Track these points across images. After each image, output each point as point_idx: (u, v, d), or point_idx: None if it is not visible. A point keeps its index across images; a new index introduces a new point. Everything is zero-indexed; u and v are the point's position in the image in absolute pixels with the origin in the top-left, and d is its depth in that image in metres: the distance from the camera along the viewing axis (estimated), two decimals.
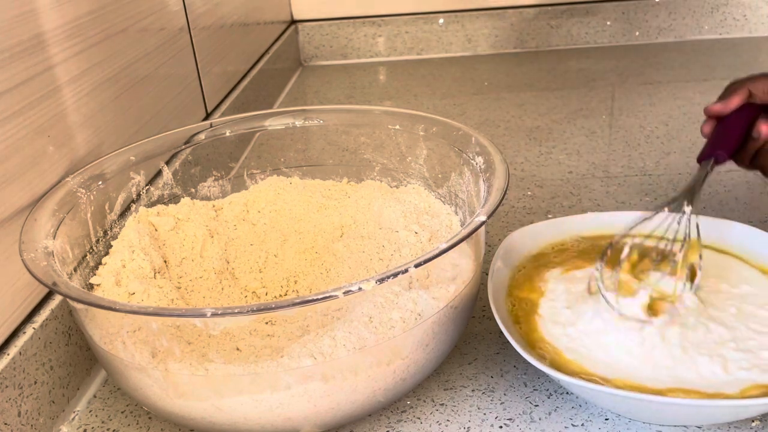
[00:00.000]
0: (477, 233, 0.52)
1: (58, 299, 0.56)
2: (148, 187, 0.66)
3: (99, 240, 0.60)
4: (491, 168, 0.57)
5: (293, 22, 1.49)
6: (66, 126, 0.60)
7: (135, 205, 0.65)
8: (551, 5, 1.46)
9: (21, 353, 0.51)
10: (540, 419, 0.53)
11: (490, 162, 0.58)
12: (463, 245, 0.52)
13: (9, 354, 0.50)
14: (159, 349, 0.47)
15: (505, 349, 0.60)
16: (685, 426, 0.52)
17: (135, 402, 0.57)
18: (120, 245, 0.59)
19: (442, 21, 1.47)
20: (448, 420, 0.53)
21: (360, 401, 0.48)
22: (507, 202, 0.85)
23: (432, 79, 1.36)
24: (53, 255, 0.50)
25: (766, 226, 0.75)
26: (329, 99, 1.30)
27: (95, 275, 0.57)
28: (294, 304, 0.43)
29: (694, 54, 1.39)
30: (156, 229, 0.63)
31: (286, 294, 0.62)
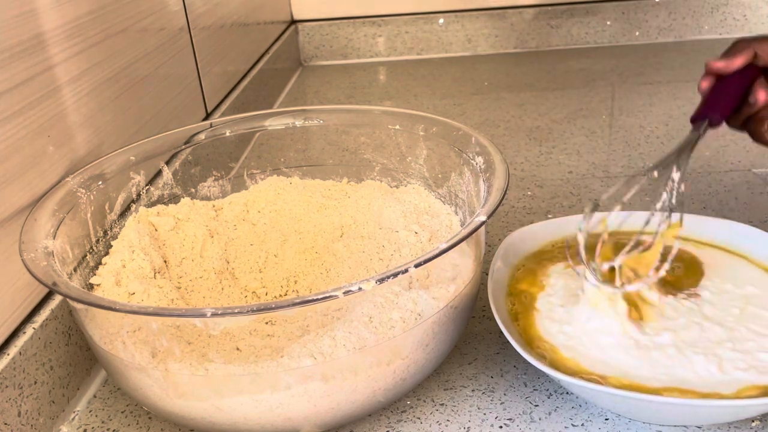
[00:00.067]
0: (477, 233, 0.52)
1: (58, 299, 0.56)
2: (148, 187, 0.66)
3: (99, 240, 0.60)
4: (491, 168, 0.57)
5: (293, 22, 1.49)
6: (66, 126, 0.60)
7: (135, 205, 0.65)
8: (551, 5, 1.46)
9: (21, 353, 0.51)
10: (540, 419, 0.53)
11: (490, 162, 0.58)
12: (463, 245, 0.52)
13: (9, 354, 0.50)
14: (159, 349, 0.47)
15: (505, 349, 0.60)
16: (685, 426, 0.52)
17: (135, 402, 0.57)
18: (120, 245, 0.59)
19: (442, 21, 1.47)
20: (448, 420, 0.53)
21: (360, 401, 0.48)
22: (507, 202, 0.85)
23: (432, 79, 1.36)
24: (53, 255, 0.50)
25: (766, 226, 0.75)
26: (329, 99, 1.30)
27: (95, 275, 0.57)
28: (294, 304, 0.43)
29: (694, 54, 1.39)
30: (156, 229, 0.63)
31: (286, 294, 0.62)
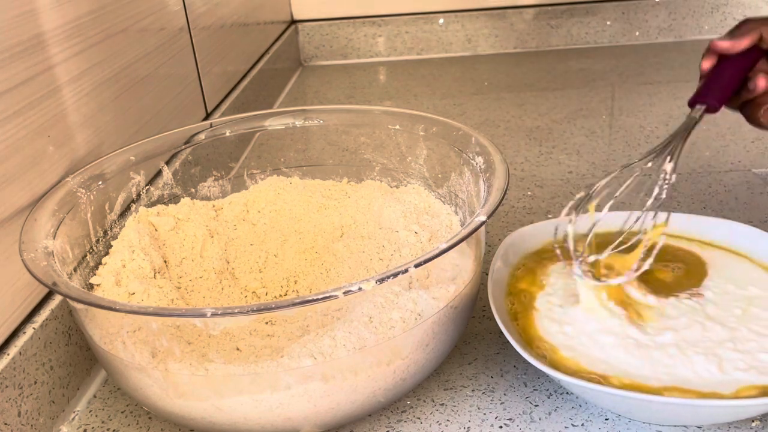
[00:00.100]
0: (477, 233, 0.52)
1: (58, 299, 0.56)
2: (148, 187, 0.66)
3: (99, 240, 0.60)
4: (491, 168, 0.57)
5: (293, 22, 1.49)
6: (66, 126, 0.60)
7: (135, 205, 0.65)
8: (551, 5, 1.46)
9: (21, 353, 0.51)
10: (540, 419, 0.53)
11: (490, 162, 0.58)
12: (463, 245, 0.52)
13: (9, 354, 0.50)
14: (159, 349, 0.47)
15: (505, 349, 0.60)
16: (685, 426, 0.52)
17: (135, 402, 0.57)
18: (120, 245, 0.59)
19: (442, 21, 1.47)
20: (448, 420, 0.53)
21: (360, 401, 0.48)
22: (507, 202, 0.85)
23: (432, 79, 1.36)
24: (53, 255, 0.50)
25: (766, 226, 0.75)
26: (329, 99, 1.30)
27: (95, 275, 0.57)
28: (294, 304, 0.43)
29: (694, 54, 1.39)
30: (156, 229, 0.63)
31: (286, 294, 0.62)
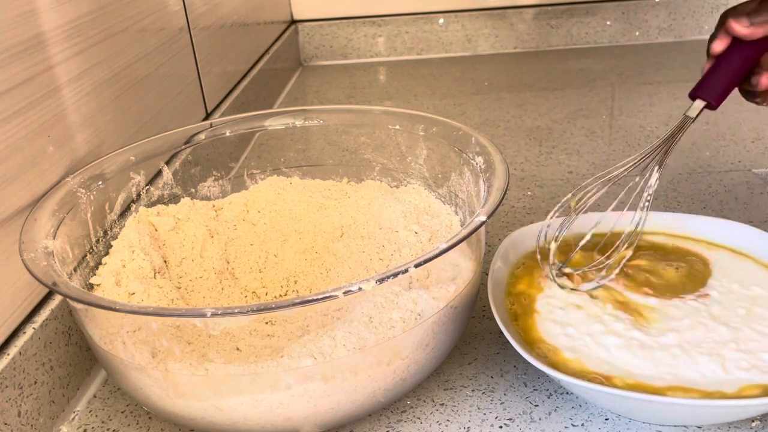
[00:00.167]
0: (477, 233, 0.52)
1: (58, 299, 0.56)
2: (148, 187, 0.66)
3: (99, 240, 0.60)
4: (491, 168, 0.57)
5: (293, 22, 1.49)
6: (66, 126, 0.60)
7: (135, 205, 0.65)
8: (551, 5, 1.46)
9: (21, 353, 0.51)
10: (540, 419, 0.53)
11: (490, 162, 0.58)
12: (463, 245, 0.52)
13: (9, 354, 0.50)
14: (159, 349, 0.47)
15: (505, 349, 0.60)
16: (685, 426, 0.52)
17: (135, 402, 0.57)
18: (120, 245, 0.59)
19: (442, 21, 1.47)
20: (448, 420, 0.53)
21: (360, 401, 0.48)
22: (507, 202, 0.85)
23: (432, 79, 1.36)
24: (53, 255, 0.50)
25: (766, 226, 0.75)
26: (329, 99, 1.30)
27: (95, 275, 0.57)
28: (294, 304, 0.43)
29: (694, 54, 1.39)
30: (156, 229, 0.63)
31: (286, 294, 0.62)
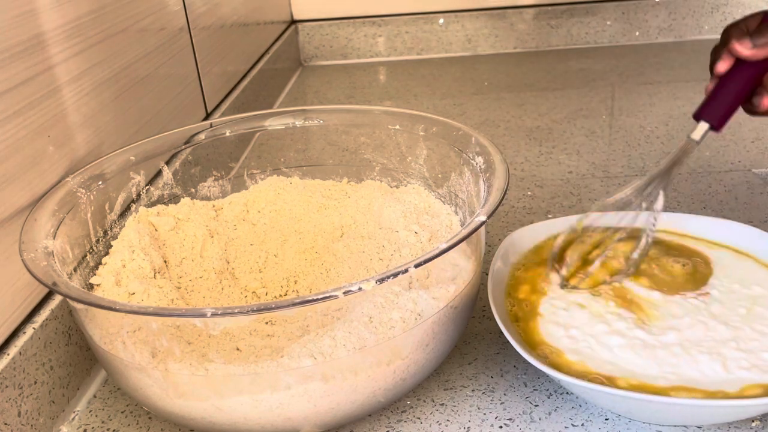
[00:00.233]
0: (477, 233, 0.52)
1: (58, 299, 0.56)
2: (148, 187, 0.66)
3: (99, 240, 0.60)
4: (491, 168, 0.57)
5: (293, 22, 1.49)
6: (66, 126, 0.60)
7: (135, 205, 0.65)
8: (551, 5, 1.46)
9: (21, 353, 0.51)
10: (540, 419, 0.53)
11: (490, 162, 0.58)
12: (463, 245, 0.52)
13: (9, 354, 0.50)
14: (159, 349, 0.47)
15: (505, 349, 0.60)
16: (685, 426, 0.52)
17: (135, 402, 0.57)
18: (120, 245, 0.59)
19: (442, 21, 1.47)
20: (448, 420, 0.53)
21: (360, 401, 0.48)
22: (507, 202, 0.85)
23: (432, 79, 1.36)
24: (53, 255, 0.50)
25: (766, 226, 0.75)
26: (329, 99, 1.30)
27: (95, 275, 0.57)
28: (294, 304, 0.43)
29: (694, 54, 1.39)
30: (156, 229, 0.63)
31: (286, 294, 0.62)
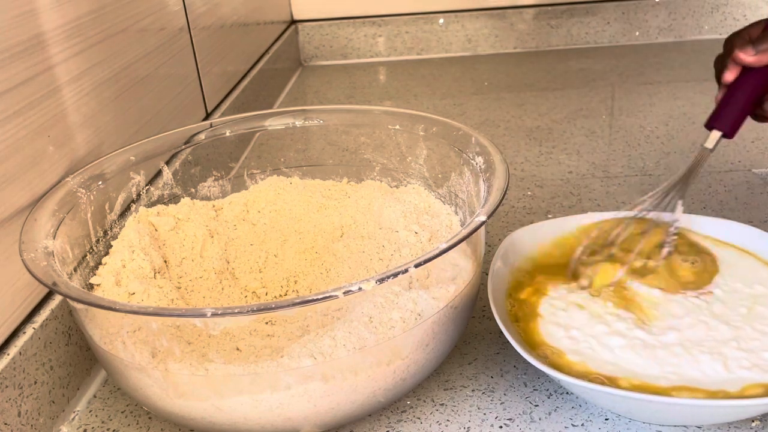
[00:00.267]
0: (477, 233, 0.52)
1: (58, 299, 0.56)
2: (148, 187, 0.66)
3: (99, 240, 0.60)
4: (491, 168, 0.57)
5: (293, 22, 1.49)
6: (66, 126, 0.60)
7: (135, 205, 0.65)
8: (551, 5, 1.46)
9: (21, 353, 0.51)
10: (540, 419, 0.53)
11: (490, 162, 0.58)
12: (463, 245, 0.52)
13: (9, 354, 0.50)
14: (159, 349, 0.47)
15: (505, 349, 0.60)
16: (685, 426, 0.52)
17: (135, 402, 0.57)
18: (120, 245, 0.59)
19: (442, 21, 1.47)
20: (448, 420, 0.53)
21: (360, 401, 0.48)
22: (507, 202, 0.85)
23: (432, 79, 1.36)
24: (53, 255, 0.50)
25: (766, 226, 0.75)
26: (329, 99, 1.30)
27: (95, 275, 0.57)
28: (294, 304, 0.43)
29: (694, 54, 1.39)
30: (156, 229, 0.63)
31: (286, 294, 0.62)
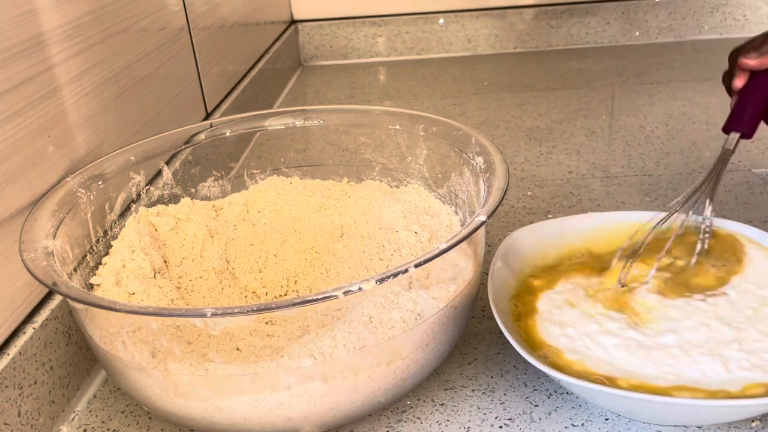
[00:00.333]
0: (477, 233, 0.52)
1: (58, 299, 0.56)
2: (148, 187, 0.66)
3: (99, 240, 0.60)
4: (491, 168, 0.57)
5: (293, 22, 1.49)
6: (66, 126, 0.60)
7: (135, 205, 0.65)
8: (551, 5, 1.46)
9: (21, 353, 0.51)
10: (540, 419, 0.53)
11: (490, 162, 0.58)
12: (463, 245, 0.52)
13: (9, 354, 0.50)
14: (159, 349, 0.47)
15: (505, 349, 0.60)
16: (685, 426, 0.52)
17: (135, 402, 0.57)
18: (120, 245, 0.59)
19: (442, 21, 1.47)
20: (448, 420, 0.53)
21: (360, 401, 0.48)
22: (507, 202, 0.85)
23: (432, 79, 1.36)
24: (53, 255, 0.50)
25: (766, 226, 0.75)
26: (329, 99, 1.30)
27: (95, 275, 0.57)
28: (294, 304, 0.43)
29: (694, 54, 1.39)
30: (156, 229, 0.63)
31: (286, 294, 0.62)
